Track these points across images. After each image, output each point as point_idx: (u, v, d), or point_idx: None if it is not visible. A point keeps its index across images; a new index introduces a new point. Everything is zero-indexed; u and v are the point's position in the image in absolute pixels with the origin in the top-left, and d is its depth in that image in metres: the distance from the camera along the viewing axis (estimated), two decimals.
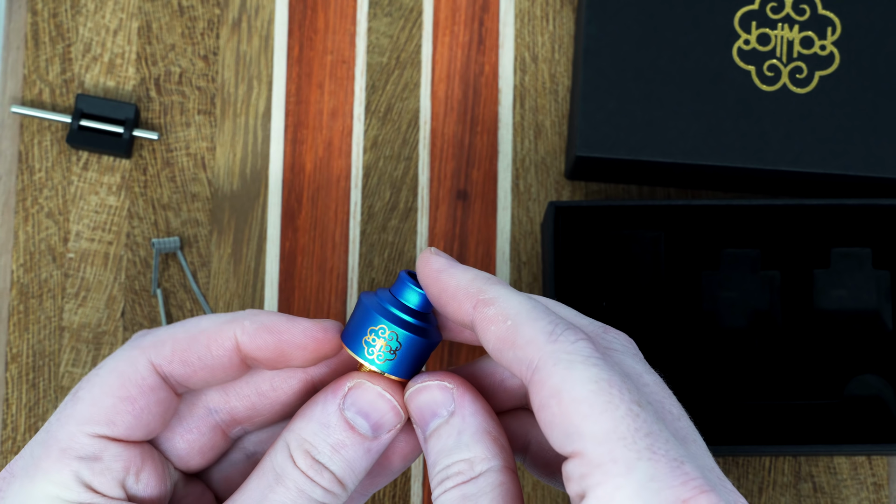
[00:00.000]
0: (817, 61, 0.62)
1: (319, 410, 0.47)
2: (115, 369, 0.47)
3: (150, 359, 0.47)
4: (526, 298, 0.44)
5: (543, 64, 0.67)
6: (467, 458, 0.44)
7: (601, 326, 0.45)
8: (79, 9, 0.66)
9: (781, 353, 0.63)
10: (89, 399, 0.47)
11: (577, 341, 0.42)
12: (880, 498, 0.63)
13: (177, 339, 0.47)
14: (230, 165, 0.65)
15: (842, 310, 0.63)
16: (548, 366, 0.41)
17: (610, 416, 0.40)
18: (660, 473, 0.39)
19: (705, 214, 0.62)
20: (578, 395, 0.40)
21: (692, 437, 0.42)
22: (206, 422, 0.50)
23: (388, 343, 0.46)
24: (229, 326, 0.47)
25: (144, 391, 0.47)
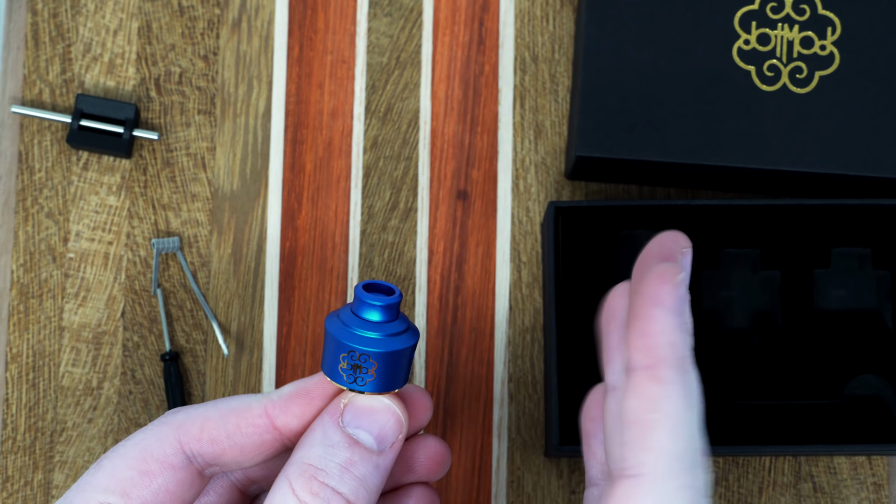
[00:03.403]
0: (817, 61, 0.62)
1: (319, 433, 0.46)
2: (141, 443, 0.47)
3: (178, 436, 0.47)
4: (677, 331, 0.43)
5: (543, 64, 0.67)
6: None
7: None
8: (79, 9, 0.66)
9: (781, 353, 0.63)
10: (109, 468, 0.47)
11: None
12: (880, 498, 0.63)
13: (207, 418, 0.47)
14: (230, 165, 0.65)
15: (842, 310, 0.63)
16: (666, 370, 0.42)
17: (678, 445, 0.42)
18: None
19: (705, 214, 0.62)
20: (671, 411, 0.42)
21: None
22: (223, 483, 0.49)
23: (363, 365, 0.45)
24: (258, 401, 0.47)
25: (165, 468, 0.46)
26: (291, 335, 0.64)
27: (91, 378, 0.64)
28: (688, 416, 0.41)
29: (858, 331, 0.63)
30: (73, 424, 0.63)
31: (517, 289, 0.65)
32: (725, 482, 0.63)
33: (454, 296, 0.64)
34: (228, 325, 0.64)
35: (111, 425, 0.63)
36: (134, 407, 0.64)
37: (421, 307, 0.65)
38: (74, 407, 0.63)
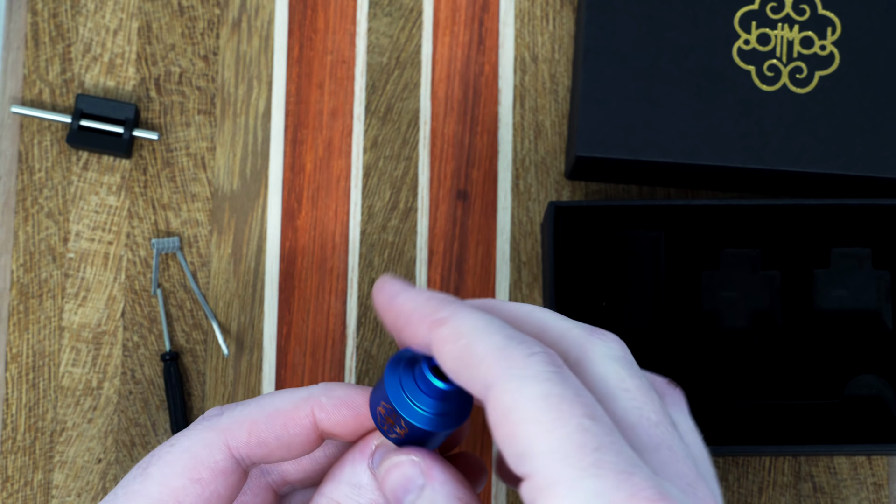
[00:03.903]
0: (817, 61, 0.62)
1: (349, 471, 0.46)
2: (189, 449, 0.47)
3: (226, 441, 0.47)
4: (481, 315, 0.42)
5: (543, 64, 0.67)
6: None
7: (587, 329, 0.43)
8: (79, 9, 0.66)
9: (781, 353, 0.63)
10: (159, 477, 0.46)
11: (531, 356, 0.40)
12: (880, 498, 0.63)
13: (254, 422, 0.47)
14: (230, 165, 0.65)
15: (842, 310, 0.63)
16: (499, 384, 0.39)
17: (557, 434, 0.38)
18: (605, 489, 0.37)
19: (705, 214, 0.62)
20: (528, 414, 0.39)
21: (667, 443, 0.40)
22: (260, 483, 0.49)
23: (395, 422, 0.44)
24: (306, 404, 0.47)
25: (216, 474, 0.46)
26: (291, 335, 0.64)
27: (91, 378, 0.64)
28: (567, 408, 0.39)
29: (858, 331, 0.63)
30: (73, 424, 0.63)
31: (517, 289, 0.65)
32: (725, 482, 0.64)
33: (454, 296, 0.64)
34: (228, 325, 0.64)
35: (111, 425, 0.63)
36: (134, 407, 0.64)
37: None
38: (74, 407, 0.63)
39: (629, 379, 0.41)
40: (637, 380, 0.41)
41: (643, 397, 0.41)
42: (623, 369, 0.42)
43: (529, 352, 0.40)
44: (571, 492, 0.37)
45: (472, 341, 0.41)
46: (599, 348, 0.42)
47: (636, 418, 0.40)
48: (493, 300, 0.45)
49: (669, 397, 0.44)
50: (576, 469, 0.38)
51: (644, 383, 0.41)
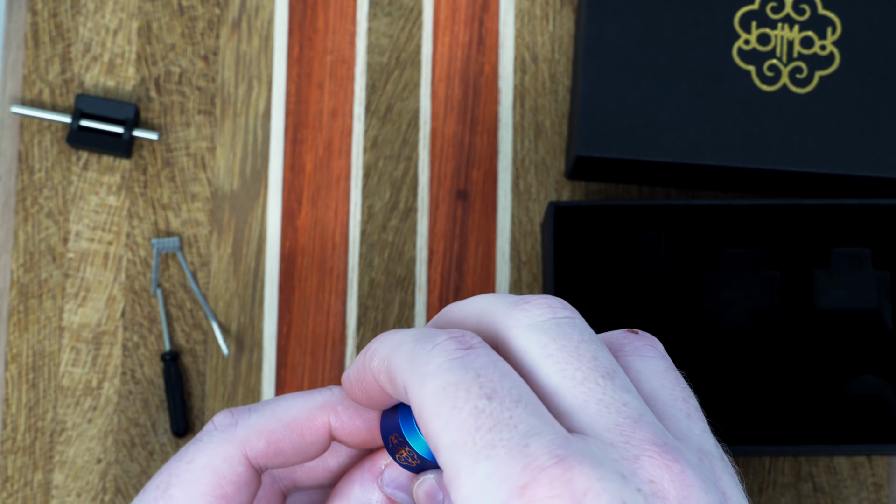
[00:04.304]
0: (817, 61, 0.62)
1: (358, 490, 0.46)
2: (209, 466, 0.46)
3: (244, 453, 0.46)
4: (397, 333, 0.41)
5: (543, 64, 0.67)
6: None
7: (511, 302, 0.42)
8: (79, 9, 0.66)
9: (781, 353, 0.63)
10: (184, 499, 0.46)
11: (433, 349, 0.39)
12: (880, 498, 0.63)
13: (271, 431, 0.46)
14: (230, 165, 0.65)
15: (842, 310, 0.63)
16: (411, 388, 0.39)
17: (453, 423, 0.37)
18: (497, 467, 0.36)
19: (705, 214, 0.62)
20: (429, 409, 0.38)
21: (596, 398, 0.39)
22: (272, 489, 0.49)
23: (408, 454, 0.44)
24: (322, 413, 0.46)
25: (240, 487, 0.46)
26: (291, 335, 0.64)
27: (91, 378, 0.64)
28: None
29: (858, 331, 0.63)
30: (72, 424, 0.63)
31: (517, 289, 0.65)
32: None
33: (454, 296, 0.64)
34: (228, 325, 0.64)
35: (111, 425, 0.63)
36: (134, 407, 0.64)
37: (421, 307, 0.65)
38: (74, 407, 0.63)
39: (551, 343, 0.40)
40: (562, 341, 0.40)
41: (566, 358, 0.40)
42: (545, 335, 0.40)
43: (432, 345, 0.39)
44: (469, 479, 0.37)
45: (389, 360, 0.41)
46: (522, 319, 0.41)
47: (559, 381, 0.39)
48: (449, 306, 0.44)
49: (629, 346, 0.42)
50: (470, 455, 0.37)
51: (571, 343, 0.40)
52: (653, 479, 0.37)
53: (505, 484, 0.36)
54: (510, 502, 0.36)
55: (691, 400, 0.42)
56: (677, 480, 0.37)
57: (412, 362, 0.40)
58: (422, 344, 0.40)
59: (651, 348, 0.43)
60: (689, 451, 0.39)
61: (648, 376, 0.42)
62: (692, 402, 0.42)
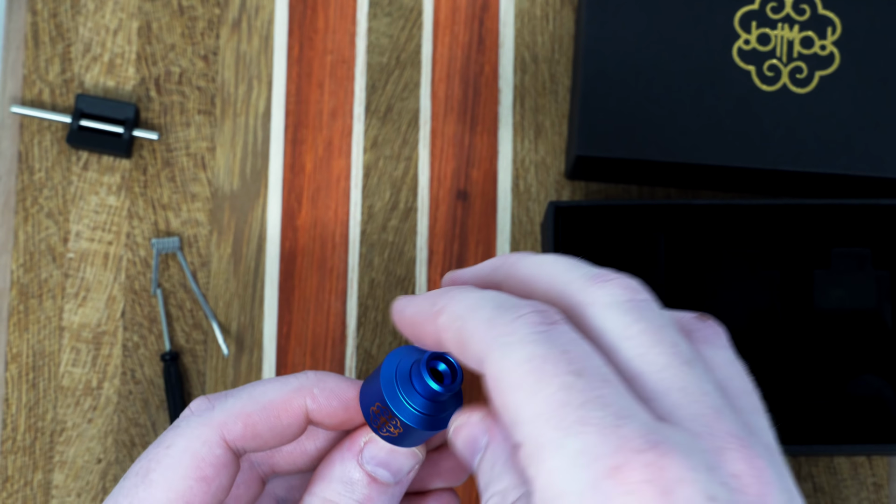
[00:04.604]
0: (817, 61, 0.62)
1: (339, 469, 0.47)
2: (189, 449, 0.46)
3: (222, 435, 0.47)
4: (474, 293, 0.41)
5: (543, 64, 0.67)
6: (500, 490, 0.42)
7: (589, 277, 0.41)
8: (79, 9, 0.66)
9: (781, 353, 0.63)
10: (164, 483, 0.46)
11: (517, 319, 0.38)
12: (880, 498, 0.63)
13: (248, 414, 0.47)
14: (230, 165, 0.65)
15: (842, 310, 0.63)
16: (487, 356, 0.39)
17: (540, 396, 0.37)
18: (589, 445, 0.36)
19: (705, 214, 0.62)
20: (512, 380, 0.37)
21: (678, 386, 0.38)
22: (251, 474, 0.50)
23: (389, 421, 0.45)
24: (298, 395, 0.47)
25: (219, 469, 0.46)
26: (291, 335, 0.64)
27: (91, 378, 0.64)
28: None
29: (858, 331, 0.63)
30: (72, 424, 0.63)
31: None
32: None
33: None
34: (228, 325, 0.64)
35: (111, 425, 0.63)
36: (134, 407, 0.64)
37: None
38: (74, 407, 0.63)
39: (633, 325, 0.39)
40: (643, 323, 0.39)
41: (648, 341, 0.39)
42: (626, 315, 0.40)
43: (516, 315, 0.39)
44: (557, 453, 0.36)
45: (464, 322, 0.40)
46: (602, 297, 0.40)
47: (641, 365, 0.39)
48: (515, 258, 0.43)
49: (699, 333, 0.42)
50: (559, 430, 0.36)
51: (651, 326, 0.39)
52: (737, 473, 0.36)
53: (597, 463, 0.35)
54: (600, 482, 0.35)
55: (755, 393, 0.41)
56: (758, 477, 0.36)
57: (492, 330, 0.39)
58: (504, 312, 0.39)
59: (721, 338, 0.42)
60: (764, 447, 0.39)
61: (719, 364, 0.41)
62: (756, 395, 0.41)
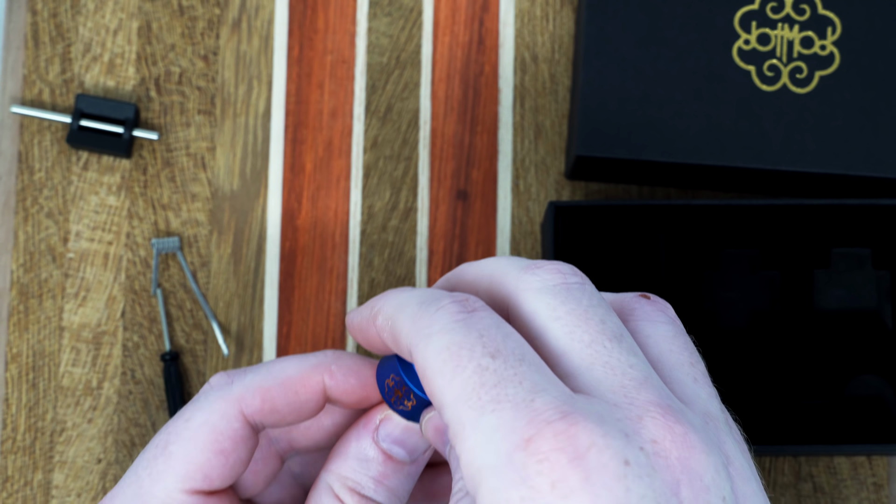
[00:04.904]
0: (817, 61, 0.62)
1: (354, 447, 0.47)
2: (208, 422, 0.47)
3: (241, 410, 0.47)
4: (403, 293, 0.43)
5: (543, 64, 0.67)
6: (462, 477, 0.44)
7: (522, 266, 0.42)
8: (79, 9, 0.66)
9: (781, 353, 0.63)
10: (183, 455, 0.47)
11: (437, 311, 0.40)
12: (880, 498, 0.64)
13: (266, 389, 0.47)
14: (230, 165, 0.65)
15: (842, 310, 0.63)
16: (415, 348, 0.40)
17: (457, 380, 0.38)
18: (503, 420, 0.37)
19: (705, 214, 0.62)
20: (434, 368, 0.39)
21: (602, 360, 0.39)
22: (269, 451, 0.50)
23: (404, 394, 0.45)
24: (316, 372, 0.47)
25: (237, 443, 0.47)
26: (291, 335, 0.64)
27: (91, 378, 0.64)
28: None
29: (858, 331, 0.63)
30: (72, 424, 0.63)
31: None
32: None
33: None
34: (228, 325, 0.64)
35: (111, 425, 0.63)
36: (134, 407, 0.64)
37: None
38: (74, 407, 0.63)
39: (561, 306, 0.41)
40: (571, 304, 0.41)
41: (575, 321, 0.40)
42: (554, 298, 0.41)
43: (437, 307, 0.40)
44: (474, 431, 0.37)
45: (394, 320, 0.42)
46: (532, 283, 0.42)
47: (566, 343, 0.40)
48: (463, 265, 0.45)
49: (640, 310, 0.43)
50: (475, 409, 0.38)
51: (580, 307, 0.41)
52: (655, 439, 0.37)
53: (510, 436, 0.37)
54: (514, 454, 0.36)
55: (699, 365, 0.42)
56: (679, 441, 0.37)
57: (416, 323, 0.40)
58: (426, 306, 0.41)
59: (661, 313, 0.43)
60: (694, 414, 0.39)
61: (657, 341, 0.42)
62: (699, 367, 0.42)
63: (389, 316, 0.43)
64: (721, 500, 0.37)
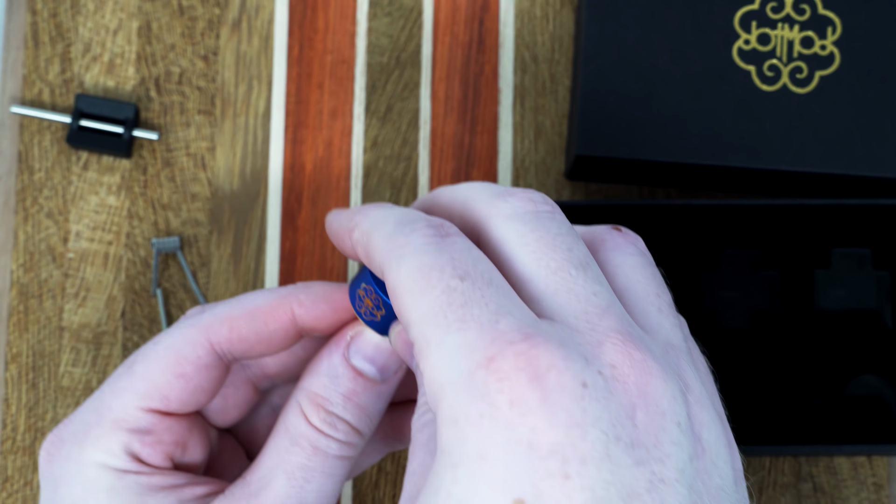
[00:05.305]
0: (817, 61, 0.62)
1: (326, 364, 0.48)
2: (172, 346, 0.48)
3: (208, 338, 0.48)
4: (382, 209, 0.44)
5: (543, 64, 0.67)
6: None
7: (495, 193, 0.44)
8: (79, 9, 0.66)
9: (781, 353, 0.63)
10: (144, 374, 0.48)
11: (412, 233, 0.41)
12: (880, 498, 0.64)
13: (235, 318, 0.49)
14: (230, 165, 0.65)
15: (842, 310, 0.63)
16: (387, 267, 0.41)
17: (426, 299, 0.39)
18: (467, 339, 0.38)
19: (705, 214, 0.62)
20: (404, 286, 0.40)
21: (566, 287, 0.40)
22: (241, 377, 0.51)
23: (374, 303, 0.46)
24: (285, 301, 0.49)
25: (199, 369, 0.48)
26: None
27: (91, 378, 0.64)
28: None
29: (858, 331, 0.63)
30: None
31: None
32: None
33: None
34: None
35: None
36: None
37: None
38: (74, 407, 0.63)
39: (529, 233, 0.42)
40: (540, 232, 0.42)
41: (542, 248, 0.41)
42: (524, 225, 0.42)
43: (412, 229, 0.41)
44: (438, 349, 0.38)
45: (370, 237, 0.43)
46: (503, 209, 0.43)
47: (533, 270, 0.41)
48: (438, 189, 0.46)
49: (610, 241, 0.44)
50: (441, 327, 0.39)
51: (548, 234, 0.42)
52: (614, 363, 0.38)
53: (473, 355, 0.38)
54: (476, 372, 0.37)
55: (665, 296, 0.43)
56: (638, 367, 0.38)
57: (390, 243, 0.42)
58: (401, 227, 0.42)
59: (632, 245, 0.45)
60: (656, 343, 0.40)
61: (625, 271, 0.43)
62: (665, 298, 0.43)
63: (366, 231, 0.43)
64: (676, 425, 0.38)
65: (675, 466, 0.37)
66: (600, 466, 0.36)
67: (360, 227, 0.44)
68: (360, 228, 0.44)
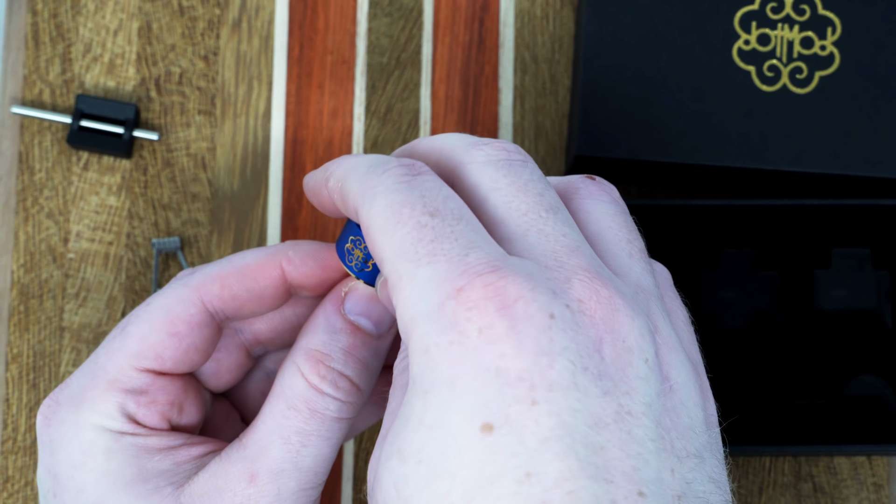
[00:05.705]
0: (817, 61, 0.62)
1: (323, 320, 0.48)
2: (164, 306, 0.49)
3: (200, 296, 0.49)
4: (355, 157, 0.45)
5: (543, 64, 0.67)
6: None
7: (471, 141, 0.44)
8: (79, 9, 0.66)
9: (781, 353, 0.63)
10: (138, 334, 0.48)
11: (384, 174, 0.42)
12: (880, 498, 0.64)
13: (225, 276, 0.49)
14: (230, 165, 0.66)
15: (842, 310, 0.63)
16: (361, 207, 0.42)
17: (397, 235, 0.40)
18: (437, 272, 0.39)
19: (705, 214, 0.62)
20: (377, 225, 0.41)
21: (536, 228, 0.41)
22: (233, 341, 0.52)
23: (363, 254, 0.47)
24: (274, 259, 0.49)
25: (192, 328, 0.49)
26: None
27: None
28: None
29: (858, 331, 0.63)
30: None
31: None
32: None
33: None
34: None
35: None
36: None
37: None
38: None
39: (502, 179, 0.43)
40: (512, 177, 0.42)
41: (514, 191, 0.42)
42: (497, 171, 0.43)
43: (384, 170, 0.42)
44: (409, 283, 0.39)
45: (344, 182, 0.44)
46: (478, 157, 0.43)
47: (504, 212, 0.42)
48: (416, 140, 0.47)
49: (584, 189, 0.45)
50: (412, 262, 0.40)
51: (520, 180, 0.42)
52: (581, 298, 0.39)
53: (443, 286, 0.39)
54: (446, 302, 0.38)
55: (636, 242, 0.44)
56: (605, 303, 0.39)
57: (363, 184, 0.42)
58: (374, 168, 0.43)
59: (605, 193, 0.45)
60: (626, 285, 0.41)
61: (598, 217, 0.44)
62: (637, 244, 0.44)
63: (340, 178, 0.44)
64: (644, 361, 0.39)
65: (641, 400, 0.38)
66: (567, 394, 0.37)
67: (335, 175, 0.45)
68: (335, 176, 0.45)
